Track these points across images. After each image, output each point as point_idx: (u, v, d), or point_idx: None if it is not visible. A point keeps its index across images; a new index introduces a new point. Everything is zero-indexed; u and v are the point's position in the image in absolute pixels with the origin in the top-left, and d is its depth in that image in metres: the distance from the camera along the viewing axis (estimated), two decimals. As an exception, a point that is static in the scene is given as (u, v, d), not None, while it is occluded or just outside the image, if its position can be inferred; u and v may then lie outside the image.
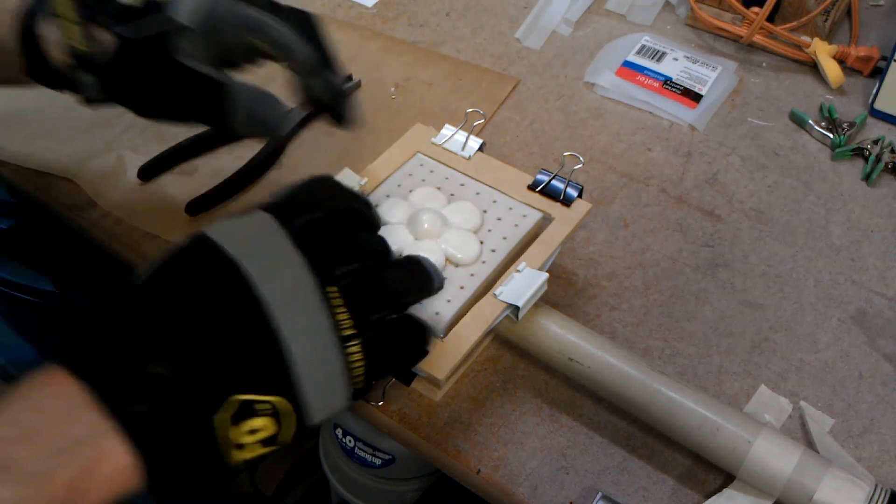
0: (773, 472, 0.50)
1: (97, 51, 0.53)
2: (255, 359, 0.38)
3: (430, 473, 0.86)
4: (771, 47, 0.82)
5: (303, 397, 0.39)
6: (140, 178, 0.72)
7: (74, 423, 0.36)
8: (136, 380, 0.37)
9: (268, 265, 0.39)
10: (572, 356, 0.55)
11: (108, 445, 0.36)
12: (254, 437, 0.38)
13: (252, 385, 0.37)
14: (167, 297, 0.38)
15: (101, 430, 0.36)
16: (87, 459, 0.36)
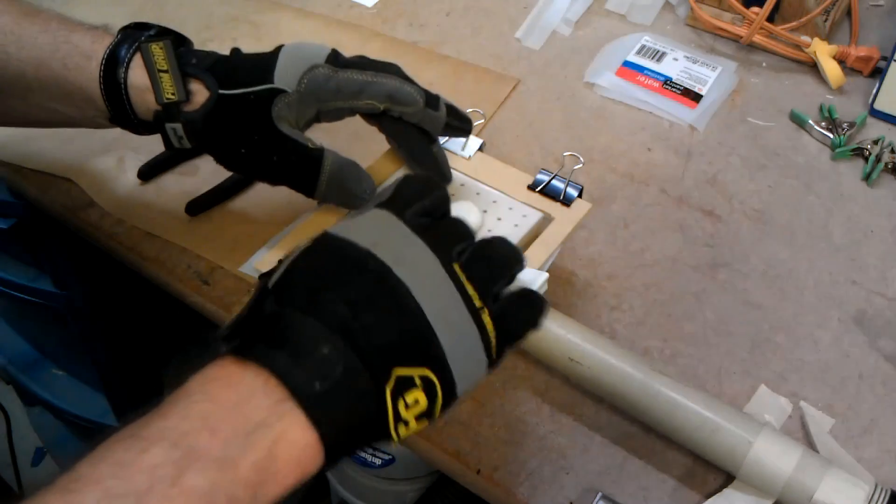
0: (773, 472, 0.50)
1: (189, 101, 0.56)
2: (407, 335, 0.40)
3: (430, 473, 0.86)
4: (771, 47, 0.82)
5: (450, 368, 0.41)
6: (140, 178, 0.72)
7: (252, 408, 0.37)
8: (309, 360, 0.38)
9: (396, 251, 0.41)
10: (572, 356, 0.55)
11: (287, 426, 0.38)
12: (411, 411, 0.40)
13: (407, 359, 0.40)
14: (315, 283, 0.41)
15: (279, 412, 0.38)
16: (269, 441, 0.37)
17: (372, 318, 0.40)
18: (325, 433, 0.38)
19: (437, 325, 0.40)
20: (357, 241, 0.41)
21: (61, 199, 0.72)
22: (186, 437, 0.36)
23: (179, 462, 0.35)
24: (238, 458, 0.36)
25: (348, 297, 0.40)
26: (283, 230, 0.66)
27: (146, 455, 0.35)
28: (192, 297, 0.65)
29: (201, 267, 0.66)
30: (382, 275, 0.40)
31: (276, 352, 0.39)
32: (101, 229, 0.69)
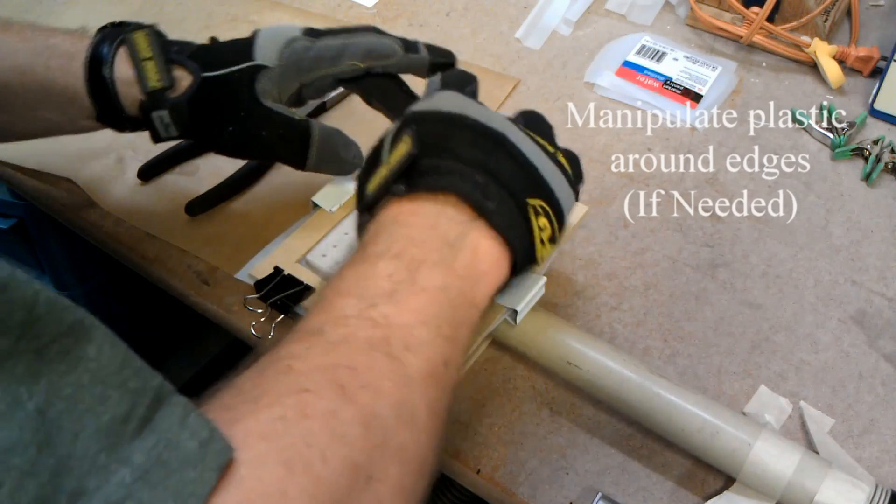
0: (773, 474, 0.50)
1: (173, 88, 0.57)
2: (524, 172, 0.46)
3: (430, 473, 0.86)
4: (771, 47, 0.82)
5: (557, 198, 0.47)
6: (140, 178, 0.72)
7: (444, 228, 0.43)
8: (477, 185, 0.44)
9: (482, 113, 0.47)
10: (571, 360, 0.55)
11: (479, 237, 0.44)
12: (544, 233, 0.47)
13: (530, 191, 0.46)
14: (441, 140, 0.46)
15: (469, 226, 0.44)
16: (471, 248, 0.43)
17: (496, 160, 0.45)
18: (510, 240, 0.45)
19: (537, 164, 0.47)
20: (450, 109, 0.47)
21: (61, 199, 0.72)
22: (404, 251, 0.42)
23: (408, 267, 0.41)
24: (451, 261, 0.42)
25: (470, 145, 0.45)
26: (279, 235, 0.66)
27: (377, 268, 0.41)
28: (192, 297, 0.65)
29: (201, 267, 0.66)
30: (483, 127, 0.46)
31: (447, 179, 0.44)
32: (101, 229, 0.69)
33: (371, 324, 0.38)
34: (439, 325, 0.40)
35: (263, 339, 0.60)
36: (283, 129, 0.59)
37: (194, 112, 0.58)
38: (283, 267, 0.62)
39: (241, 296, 0.63)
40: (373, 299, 0.39)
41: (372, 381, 0.36)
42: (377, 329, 0.38)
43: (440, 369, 0.39)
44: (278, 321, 0.61)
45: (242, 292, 0.64)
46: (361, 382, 0.36)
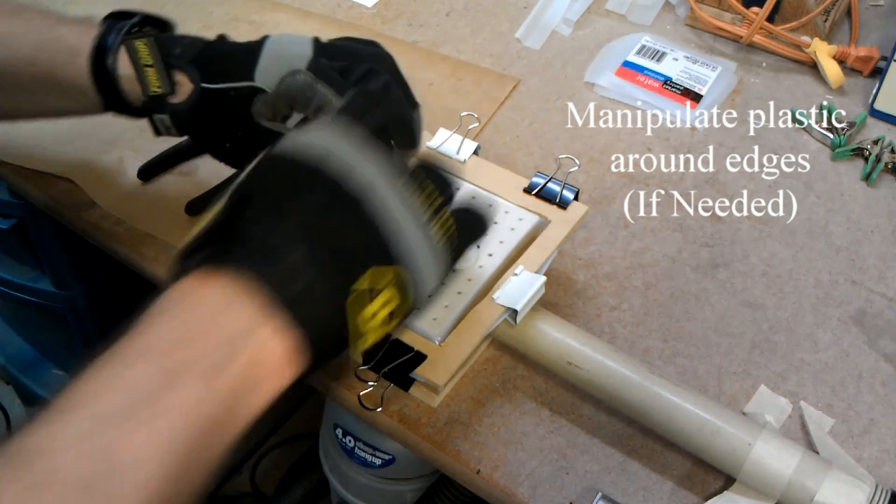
0: (773, 474, 0.50)
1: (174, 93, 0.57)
2: (370, 237, 0.41)
3: (430, 473, 0.86)
4: (771, 47, 0.82)
5: (412, 268, 0.43)
6: (140, 178, 0.72)
7: (231, 318, 0.38)
8: (284, 264, 0.39)
9: (356, 160, 0.42)
10: (571, 360, 0.55)
11: (270, 332, 0.39)
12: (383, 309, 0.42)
13: (375, 260, 0.41)
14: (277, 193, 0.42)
15: (260, 317, 0.38)
16: (252, 348, 0.38)
17: (336, 223, 0.41)
18: (309, 333, 0.39)
19: (399, 231, 0.42)
20: (312, 152, 0.42)
21: (61, 199, 0.71)
22: (171, 351, 0.37)
23: (163, 376, 0.36)
24: (221, 368, 0.37)
25: (309, 205, 0.41)
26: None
27: (129, 372, 0.36)
28: (192, 298, 0.65)
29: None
30: (337, 184, 0.41)
31: (251, 257, 0.39)
32: (101, 229, 0.69)
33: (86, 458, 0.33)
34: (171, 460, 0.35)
35: None
36: None
37: (194, 120, 0.58)
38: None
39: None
40: (106, 419, 0.34)
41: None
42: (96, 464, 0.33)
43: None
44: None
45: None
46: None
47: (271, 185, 0.42)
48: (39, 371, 1.21)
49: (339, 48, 0.59)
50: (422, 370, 0.52)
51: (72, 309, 0.97)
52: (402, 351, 0.54)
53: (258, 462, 1.36)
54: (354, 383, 0.57)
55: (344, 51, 0.59)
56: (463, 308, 0.56)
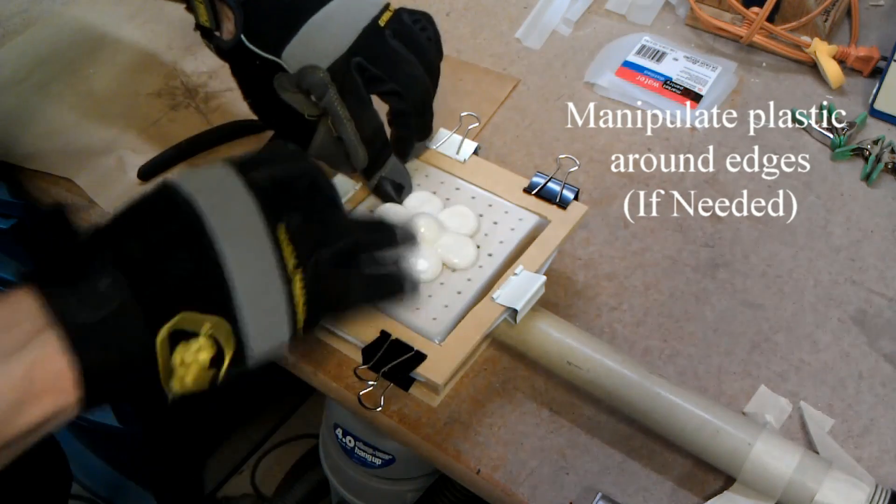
0: (773, 474, 0.50)
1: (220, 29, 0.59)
2: (198, 281, 0.40)
3: (430, 473, 0.86)
4: (771, 47, 0.82)
5: (242, 320, 0.40)
6: (140, 178, 0.72)
7: (17, 332, 0.37)
8: (85, 291, 0.38)
9: (219, 202, 0.41)
10: (571, 360, 0.55)
11: (48, 352, 0.38)
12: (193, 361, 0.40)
13: (191, 305, 0.39)
14: (122, 224, 0.41)
15: (42, 337, 0.38)
16: (27, 363, 0.37)
17: (164, 261, 0.40)
18: (87, 366, 0.38)
19: (237, 278, 0.40)
20: (183, 188, 0.42)
21: (61, 199, 0.71)
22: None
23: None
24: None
25: (148, 238, 0.40)
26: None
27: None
28: (192, 298, 0.65)
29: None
30: (192, 221, 0.40)
31: (57, 282, 0.39)
32: (101, 229, 0.69)
33: None
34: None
35: None
36: (289, 121, 0.62)
37: (231, 61, 0.61)
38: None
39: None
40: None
41: None
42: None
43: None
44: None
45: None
46: None
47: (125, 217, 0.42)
48: (39, 371, 1.21)
49: (383, 54, 0.59)
50: (422, 369, 0.52)
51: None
52: (401, 350, 0.54)
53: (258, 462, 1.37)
54: (354, 383, 0.57)
55: (383, 59, 0.59)
56: (463, 308, 0.56)
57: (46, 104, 0.79)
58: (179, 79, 0.81)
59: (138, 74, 0.81)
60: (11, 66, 0.82)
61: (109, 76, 0.81)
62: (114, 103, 0.79)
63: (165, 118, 0.77)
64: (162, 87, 0.80)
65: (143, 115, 0.77)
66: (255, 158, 0.45)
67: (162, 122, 0.77)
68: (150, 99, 0.79)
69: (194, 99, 0.79)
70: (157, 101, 0.79)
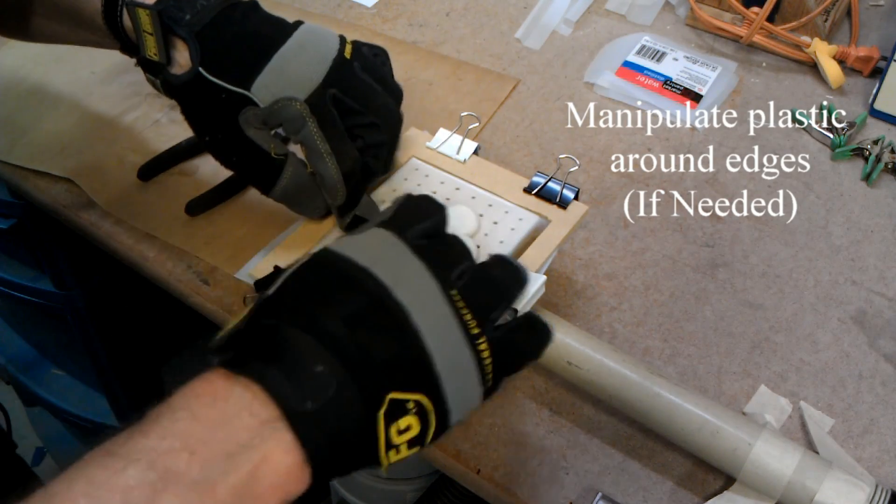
0: (773, 474, 0.50)
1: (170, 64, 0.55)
2: (404, 358, 0.39)
3: (430, 473, 0.86)
4: (771, 47, 0.82)
5: (444, 394, 0.40)
6: (140, 178, 0.72)
7: (236, 428, 0.36)
8: (302, 378, 0.37)
9: (396, 271, 0.40)
10: (571, 360, 0.55)
11: (273, 448, 0.36)
12: (403, 437, 0.39)
13: (402, 384, 0.39)
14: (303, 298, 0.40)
15: (265, 432, 0.36)
16: (252, 464, 0.36)
17: (368, 339, 0.39)
18: (313, 454, 0.37)
19: (434, 351, 0.39)
20: (356, 259, 0.40)
21: (61, 199, 0.72)
22: (164, 458, 0.35)
23: (155, 485, 0.34)
24: (217, 480, 0.35)
25: (345, 316, 0.39)
26: (280, 234, 0.66)
27: (122, 475, 0.34)
28: (192, 298, 0.65)
29: (201, 267, 0.66)
30: (381, 295, 0.39)
31: (269, 367, 0.37)
32: (101, 229, 0.69)
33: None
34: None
35: None
36: (252, 160, 0.57)
37: (184, 96, 0.56)
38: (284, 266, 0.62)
39: (241, 296, 0.63)
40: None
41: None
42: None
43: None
44: None
45: (242, 292, 0.64)
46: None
47: (313, 286, 0.40)
48: (39, 371, 1.21)
49: (355, 86, 0.56)
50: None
51: (72, 309, 0.97)
52: None
53: (258, 462, 1.36)
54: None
55: (357, 91, 0.56)
56: (463, 308, 0.56)
57: (46, 104, 0.79)
58: (179, 79, 0.81)
59: (138, 74, 0.81)
60: (11, 66, 0.82)
61: (109, 76, 0.81)
62: (114, 103, 0.79)
63: (165, 118, 0.77)
64: (162, 87, 0.80)
65: (143, 115, 0.77)
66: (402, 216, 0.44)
67: (162, 122, 0.77)
68: (150, 99, 0.79)
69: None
70: (157, 101, 0.79)
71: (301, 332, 0.38)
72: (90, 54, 0.83)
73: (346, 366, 0.38)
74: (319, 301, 0.39)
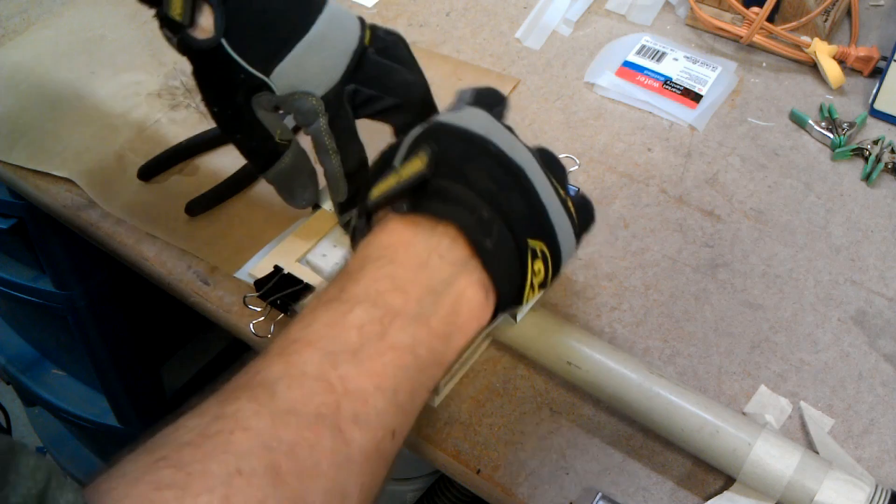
0: (773, 474, 0.50)
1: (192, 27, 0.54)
2: (532, 210, 0.45)
3: (430, 473, 0.86)
4: (771, 47, 0.82)
5: (558, 244, 0.46)
6: (140, 178, 0.72)
7: (434, 268, 0.42)
8: (479, 219, 0.42)
9: (507, 140, 0.45)
10: (571, 360, 0.55)
11: (466, 283, 0.42)
12: (537, 278, 0.45)
13: (534, 233, 0.45)
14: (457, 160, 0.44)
15: (459, 269, 0.42)
16: (453, 297, 0.42)
17: (506, 193, 0.44)
18: (499, 287, 0.43)
19: (548, 206, 0.45)
20: (473, 129, 0.45)
21: (61, 199, 0.72)
22: (383, 297, 0.40)
23: (382, 319, 0.39)
24: (429, 314, 0.41)
25: (485, 171, 0.44)
26: (280, 234, 0.66)
27: (351, 315, 0.39)
28: (192, 298, 0.65)
29: (201, 267, 0.66)
30: (504, 157, 0.44)
31: (451, 210, 0.42)
32: (101, 229, 0.69)
33: (326, 387, 0.37)
34: (396, 392, 0.39)
35: (263, 337, 0.60)
36: (256, 142, 0.58)
37: (199, 63, 0.55)
38: (283, 266, 0.62)
39: (241, 295, 0.63)
40: (336, 355, 0.38)
41: (309, 465, 0.35)
42: (330, 395, 0.37)
43: (385, 443, 0.38)
44: (278, 320, 0.61)
45: (242, 292, 0.64)
46: (298, 468, 0.35)
47: (450, 150, 0.44)
48: (39, 371, 1.21)
49: (373, 75, 0.57)
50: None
51: (72, 309, 0.97)
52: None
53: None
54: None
55: (375, 79, 0.57)
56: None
57: (46, 104, 0.79)
58: (179, 79, 0.81)
59: (138, 74, 0.81)
60: (11, 66, 0.82)
61: (109, 76, 0.81)
62: (114, 103, 0.79)
63: (165, 118, 0.77)
64: (162, 87, 0.80)
65: (143, 115, 0.77)
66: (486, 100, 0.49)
67: (162, 122, 0.77)
68: (150, 99, 0.79)
69: (194, 99, 0.79)
70: (157, 101, 0.79)
71: (464, 188, 0.43)
72: (90, 54, 0.83)
73: (500, 214, 0.43)
74: (463, 161, 0.44)
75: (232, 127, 0.58)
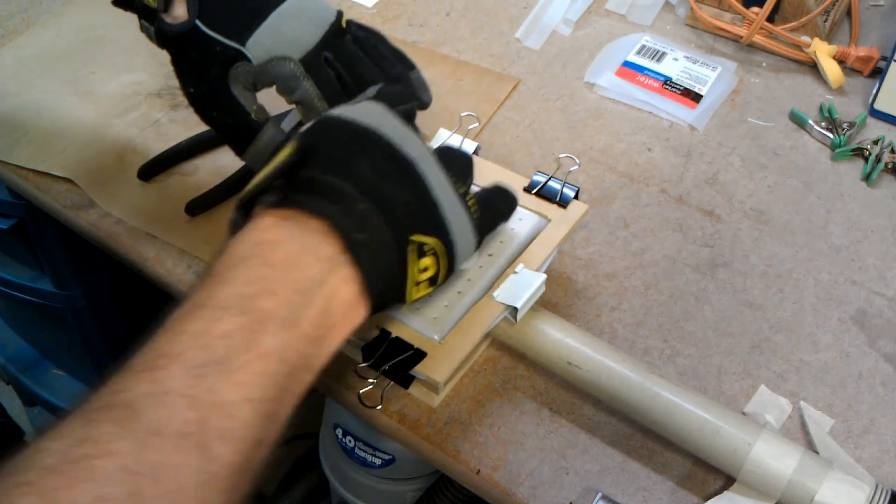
0: (773, 474, 0.50)
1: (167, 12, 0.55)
2: (421, 205, 0.44)
3: (430, 473, 0.86)
4: (771, 47, 0.82)
5: (452, 238, 0.46)
6: (140, 178, 0.72)
7: (304, 267, 0.41)
8: (353, 213, 0.42)
9: (400, 132, 0.45)
10: (571, 360, 0.55)
11: (339, 282, 0.41)
12: (424, 275, 0.45)
13: (422, 228, 0.44)
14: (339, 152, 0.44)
15: (330, 266, 0.41)
16: (324, 297, 0.41)
17: (391, 186, 0.43)
18: (370, 284, 0.42)
19: (441, 201, 0.45)
20: (363, 121, 0.45)
21: (61, 199, 0.72)
22: (252, 302, 0.39)
23: (251, 326, 0.38)
24: (300, 317, 0.39)
25: (370, 163, 0.43)
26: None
27: (219, 323, 0.38)
28: (192, 298, 0.65)
29: (201, 267, 0.66)
30: (392, 151, 0.44)
31: (321, 204, 0.41)
32: (101, 229, 0.69)
33: (191, 403, 0.36)
34: (263, 401, 0.38)
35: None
36: (233, 119, 0.58)
37: (175, 48, 0.56)
38: None
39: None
40: (202, 368, 0.37)
41: (173, 489, 0.34)
42: (197, 411, 0.36)
43: (251, 453, 0.37)
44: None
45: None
46: (162, 491, 0.34)
47: (333, 142, 0.44)
48: (39, 371, 1.21)
49: (348, 57, 0.57)
50: (422, 367, 0.52)
51: (72, 309, 0.97)
52: (401, 348, 0.54)
53: (258, 462, 1.36)
54: (354, 381, 0.57)
55: (350, 61, 0.57)
56: (463, 308, 0.56)
57: (46, 104, 0.79)
58: (179, 79, 0.81)
59: (138, 74, 0.81)
60: (12, 66, 0.82)
61: (109, 76, 0.81)
62: (114, 103, 0.79)
63: (165, 118, 0.77)
64: (162, 87, 0.80)
65: (143, 115, 0.77)
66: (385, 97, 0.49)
67: (162, 122, 0.77)
68: (150, 99, 0.79)
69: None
70: (157, 101, 0.79)
71: (339, 179, 0.42)
72: (90, 54, 0.83)
73: (379, 208, 0.42)
74: (345, 153, 0.44)
75: (209, 107, 0.58)
